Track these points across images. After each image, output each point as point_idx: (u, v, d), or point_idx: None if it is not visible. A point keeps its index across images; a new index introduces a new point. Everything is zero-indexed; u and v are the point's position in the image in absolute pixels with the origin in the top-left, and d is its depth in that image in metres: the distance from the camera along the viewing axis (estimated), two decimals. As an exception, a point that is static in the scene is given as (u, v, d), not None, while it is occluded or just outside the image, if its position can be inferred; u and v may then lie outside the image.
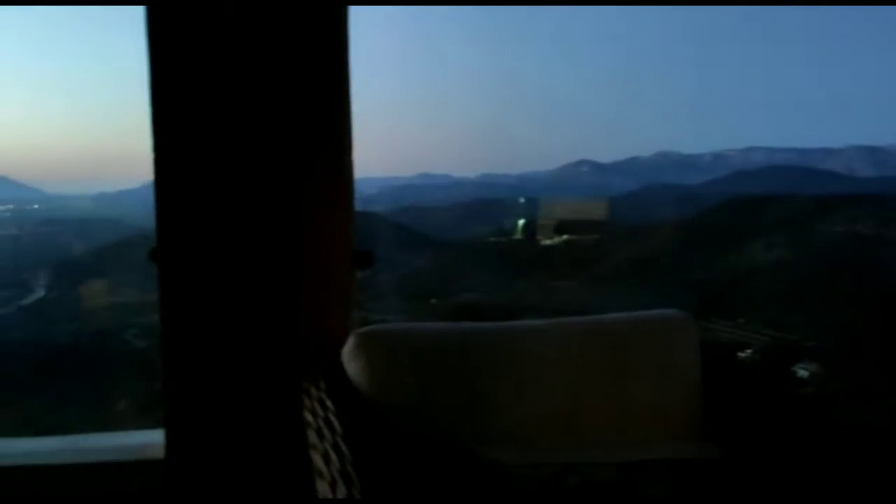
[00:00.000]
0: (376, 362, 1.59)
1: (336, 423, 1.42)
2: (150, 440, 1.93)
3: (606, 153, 8.46)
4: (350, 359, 1.62)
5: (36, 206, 9.15)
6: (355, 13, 1.82)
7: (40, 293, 8.82)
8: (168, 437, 1.87)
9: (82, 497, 1.86)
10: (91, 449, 1.99)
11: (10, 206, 8.82)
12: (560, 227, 7.92)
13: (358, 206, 1.89)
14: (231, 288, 1.81)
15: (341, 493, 1.19)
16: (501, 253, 8.35)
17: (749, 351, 6.03)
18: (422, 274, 7.97)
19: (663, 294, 6.83)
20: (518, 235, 8.32)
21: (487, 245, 8.45)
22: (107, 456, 1.93)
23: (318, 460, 1.39)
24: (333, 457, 1.32)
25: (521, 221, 8.28)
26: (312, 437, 1.46)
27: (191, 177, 1.78)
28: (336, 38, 1.81)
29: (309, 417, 1.52)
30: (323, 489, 1.31)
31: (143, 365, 8.00)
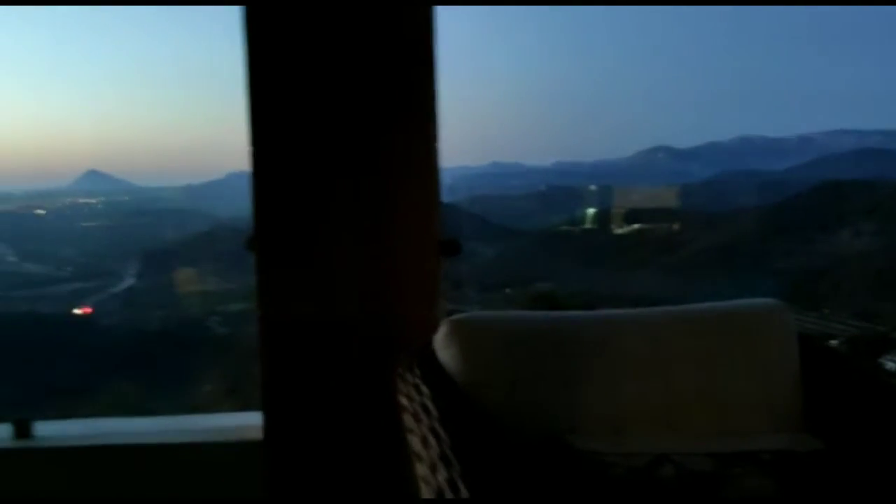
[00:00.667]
0: (469, 349, 1.60)
1: (432, 408, 1.44)
2: (248, 422, 2.00)
3: (684, 139, 8.25)
4: (442, 346, 1.64)
5: (125, 198, 9.58)
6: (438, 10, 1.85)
7: (130, 281, 9.22)
8: (266, 419, 1.89)
9: (185, 475, 1.94)
10: (193, 429, 2.07)
11: (102, 199, 9.26)
12: (635, 216, 7.78)
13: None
14: (325, 275, 1.85)
15: (442, 476, 1.20)
16: (575, 242, 8.26)
17: (835, 342, 5.82)
18: (495, 264, 7.96)
19: (744, 284, 6.64)
20: (591, 224, 8.22)
21: (560, 234, 8.37)
22: (208, 436, 2.00)
23: (415, 443, 1.41)
24: (432, 440, 1.33)
25: (595, 210, 8.18)
26: (409, 420, 1.48)
27: (285, 169, 1.82)
28: (423, 36, 1.83)
29: (405, 402, 1.55)
30: (422, 472, 1.33)
31: (226, 351, 8.28)
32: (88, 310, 8.34)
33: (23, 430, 1.87)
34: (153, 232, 9.45)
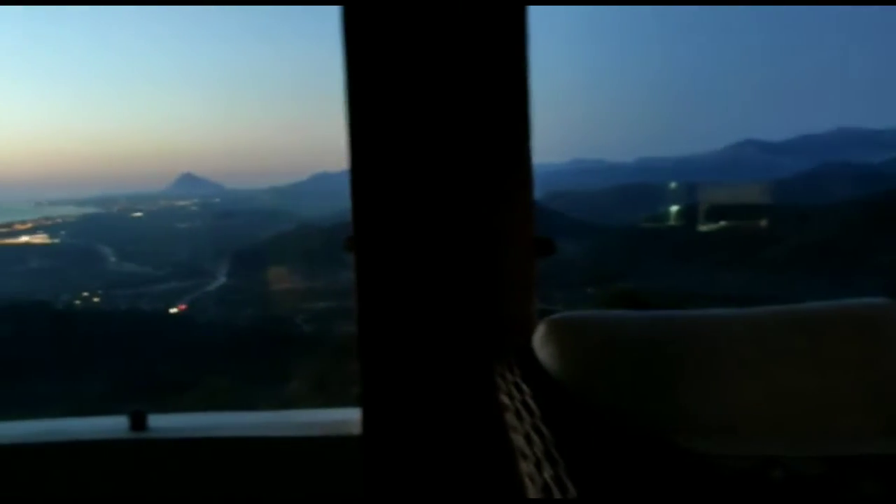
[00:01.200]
0: (568, 349, 1.60)
1: (534, 406, 1.44)
2: (347, 417, 2.04)
3: (775, 131, 7.94)
4: (541, 345, 1.64)
5: (217, 200, 9.99)
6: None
7: (222, 280, 9.61)
8: (364, 414, 1.94)
9: (287, 468, 2.00)
10: (295, 424, 2.13)
11: (196, 200, 9.69)
12: (722, 212, 7.55)
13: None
14: (422, 274, 1.87)
15: (548, 473, 1.21)
16: (658, 239, 8.08)
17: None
18: (575, 261, 7.88)
19: (842, 281, 6.35)
20: (676, 221, 8.02)
21: (643, 231, 8.20)
22: (309, 431, 2.06)
23: (519, 441, 1.42)
24: (535, 438, 1.34)
25: (679, 206, 7.98)
26: (511, 419, 1.49)
27: (383, 169, 1.85)
28: (517, 36, 1.83)
29: (506, 400, 1.56)
30: (527, 469, 1.34)
31: (312, 348, 8.49)
32: (183, 307, 8.72)
33: (138, 423, 1.97)
34: (242, 232, 9.78)
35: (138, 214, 9.45)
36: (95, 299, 8.68)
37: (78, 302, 8.54)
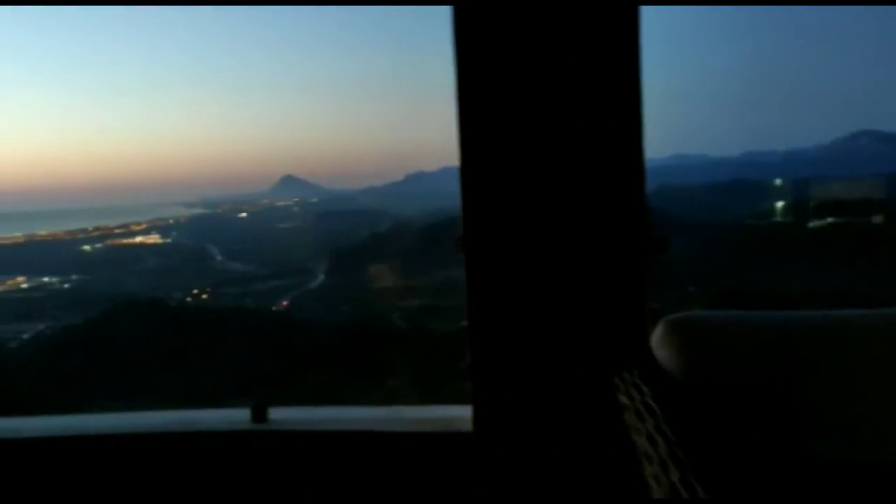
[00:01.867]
0: (688, 350, 1.55)
1: (655, 407, 1.42)
2: (458, 414, 2.04)
3: (893, 122, 7.45)
4: (660, 345, 1.60)
5: (316, 201, 10.32)
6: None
7: (321, 278, 9.90)
8: (475, 412, 1.90)
9: (401, 462, 2.01)
10: (408, 419, 2.14)
11: (296, 200, 10.05)
12: (833, 207, 7.18)
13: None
14: (533, 272, 1.85)
15: (674, 475, 1.19)
16: (763, 236, 7.75)
17: None
18: (676, 259, 7.65)
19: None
20: (783, 217, 7.68)
21: (747, 228, 7.89)
22: (421, 427, 2.06)
23: (641, 442, 1.39)
24: (659, 439, 1.31)
25: (787, 202, 7.64)
26: (632, 419, 1.46)
27: (493, 170, 1.84)
28: (629, 35, 1.80)
29: (625, 400, 1.53)
30: (652, 471, 1.31)
31: (408, 345, 8.61)
32: (285, 304, 9.03)
33: (259, 415, 2.03)
34: (340, 231, 10.03)
35: (243, 215, 9.86)
36: (204, 296, 9.10)
37: (189, 299, 8.98)
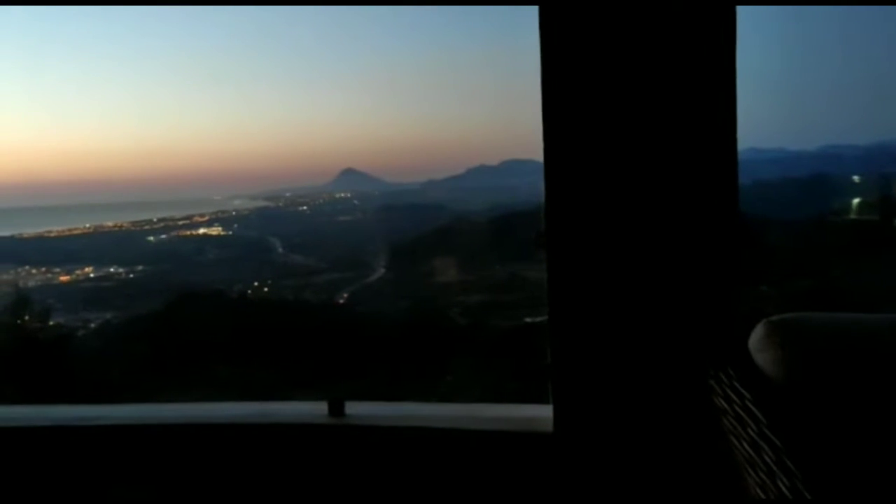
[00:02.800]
0: (792, 353, 1.43)
1: (758, 413, 1.33)
2: (538, 414, 2.02)
3: None
4: (760, 347, 1.49)
5: (376, 194, 10.30)
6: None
7: (380, 272, 9.90)
8: (556, 412, 1.91)
9: (479, 460, 2.02)
10: (486, 417, 2.14)
11: (356, 194, 10.04)
12: (922, 204, 6.78)
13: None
14: (619, 269, 1.83)
15: (783, 483, 1.17)
16: (843, 234, 7.40)
17: None
18: (748, 257, 7.35)
19: None
20: (864, 214, 7.32)
21: (826, 225, 7.54)
22: (500, 425, 2.06)
23: (744, 448, 1.33)
24: (764, 446, 1.27)
25: (867, 198, 7.26)
26: (731, 424, 1.40)
27: (578, 165, 1.85)
28: (726, 35, 1.79)
29: (723, 404, 1.45)
30: (757, 478, 1.26)
31: (467, 342, 8.54)
32: (344, 298, 9.05)
33: (336, 409, 2.07)
34: (399, 225, 10.03)
35: (303, 208, 9.93)
36: (265, 289, 9.20)
37: (250, 291, 9.09)
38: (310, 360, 7.12)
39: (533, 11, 1.82)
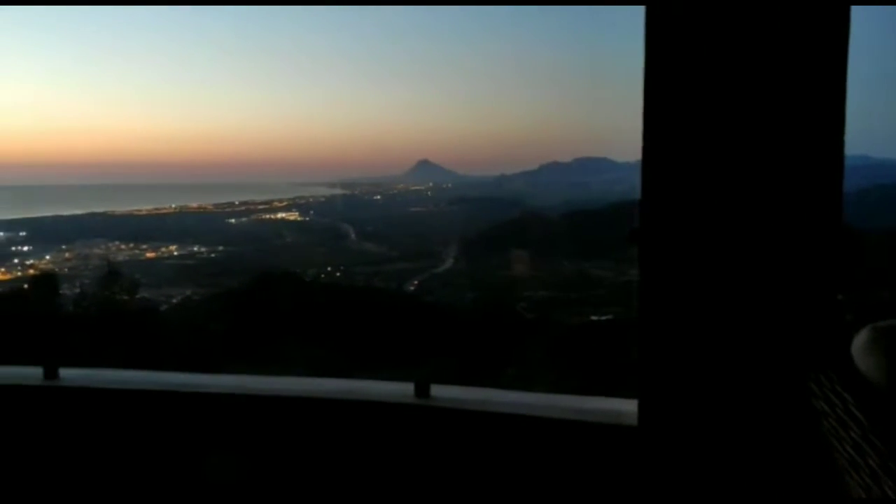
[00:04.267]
0: None
1: (861, 417, 1.34)
2: (621, 407, 2.02)
3: None
4: (864, 352, 1.48)
5: (449, 186, 10.45)
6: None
7: (449, 263, 10.02)
8: (642, 406, 1.87)
9: (558, 449, 2.02)
10: (568, 408, 2.13)
11: (430, 186, 10.23)
12: None
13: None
14: (715, 267, 1.80)
15: (889, 488, 1.16)
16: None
17: None
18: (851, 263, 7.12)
19: None
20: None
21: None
22: (582, 416, 2.05)
23: (846, 451, 1.32)
24: (868, 450, 1.26)
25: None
26: (833, 426, 1.39)
27: (677, 164, 1.83)
28: (838, 35, 1.73)
29: (823, 407, 1.45)
30: (861, 481, 1.26)
31: (532, 336, 8.56)
32: (412, 286, 9.21)
33: (422, 390, 2.09)
34: (470, 218, 10.12)
35: (377, 197, 10.15)
36: (337, 274, 9.45)
37: (322, 276, 9.35)
38: (376, 346, 7.30)
39: (617, 12, 1.83)
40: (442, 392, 2.12)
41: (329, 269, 9.46)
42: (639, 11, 1.99)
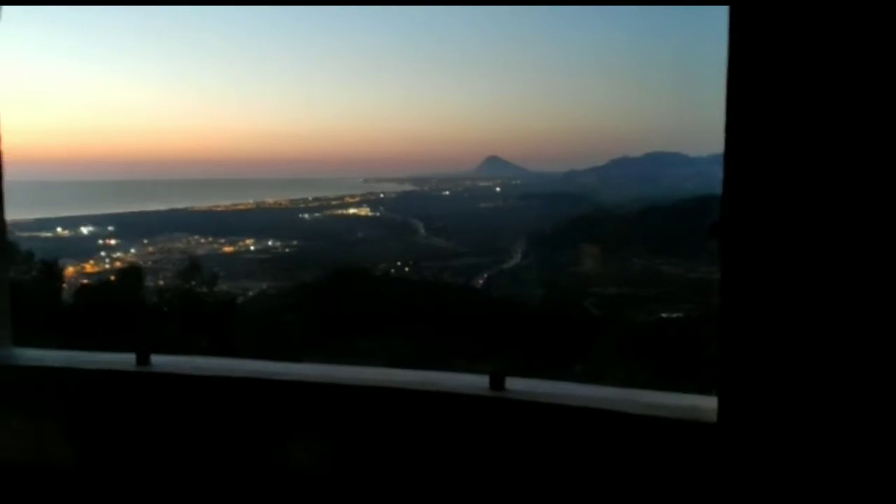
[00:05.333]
0: None
1: None
2: (701, 404, 1.99)
3: None
4: None
5: (518, 182, 10.47)
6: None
7: (517, 259, 10.04)
8: (722, 403, 1.84)
9: (634, 444, 2.00)
10: (643, 402, 2.11)
11: (499, 181, 10.27)
12: None
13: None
14: (799, 265, 1.77)
15: None
16: None
17: None
18: None
19: None
20: None
21: None
22: (658, 412, 2.03)
23: None
24: None
25: None
26: None
27: (761, 160, 1.79)
28: None
29: None
30: None
31: (599, 334, 8.48)
32: (481, 282, 9.26)
33: (497, 383, 2.11)
34: (539, 214, 10.09)
35: (446, 193, 10.27)
36: (407, 269, 9.58)
37: (393, 270, 9.51)
38: (445, 340, 7.37)
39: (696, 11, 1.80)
40: (517, 385, 2.13)
41: (399, 263, 9.60)
42: (716, 9, 1.98)
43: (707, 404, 1.92)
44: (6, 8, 2.37)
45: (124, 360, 2.22)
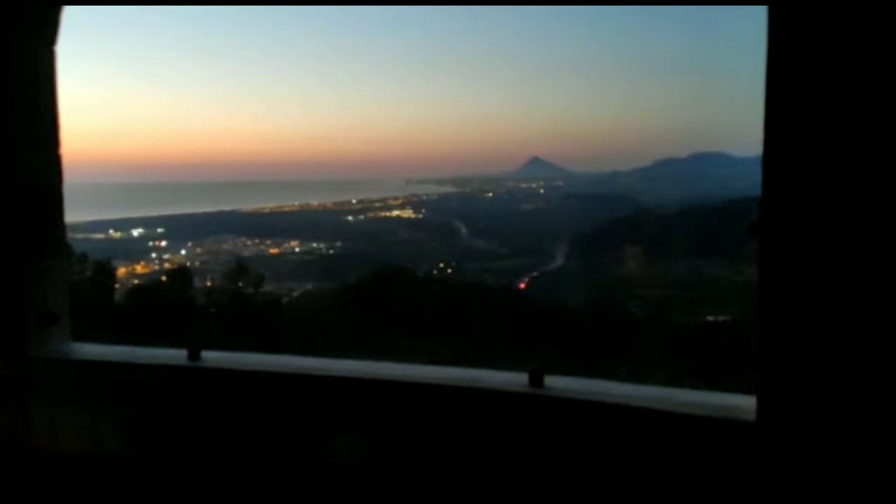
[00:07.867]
0: None
1: None
2: (738, 403, 1.97)
3: None
4: None
5: (560, 183, 10.47)
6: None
7: (560, 261, 10.04)
8: (761, 402, 1.82)
9: (673, 443, 1.99)
10: (682, 401, 2.10)
11: (541, 183, 10.28)
12: None
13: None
14: (838, 265, 1.75)
15: None
16: None
17: None
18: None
19: None
20: None
21: None
22: (697, 410, 2.02)
23: None
24: None
25: None
26: None
27: (800, 162, 1.78)
28: None
29: None
30: None
31: (643, 336, 8.40)
32: (522, 286, 9.26)
33: (536, 380, 2.12)
34: (583, 215, 10.05)
35: (489, 195, 10.32)
36: (449, 270, 9.63)
37: (435, 272, 9.57)
38: (487, 341, 7.39)
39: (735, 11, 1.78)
40: (556, 382, 2.14)
41: (441, 265, 9.65)
42: (757, 9, 1.97)
43: (745, 403, 1.91)
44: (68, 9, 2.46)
45: (177, 355, 2.30)
